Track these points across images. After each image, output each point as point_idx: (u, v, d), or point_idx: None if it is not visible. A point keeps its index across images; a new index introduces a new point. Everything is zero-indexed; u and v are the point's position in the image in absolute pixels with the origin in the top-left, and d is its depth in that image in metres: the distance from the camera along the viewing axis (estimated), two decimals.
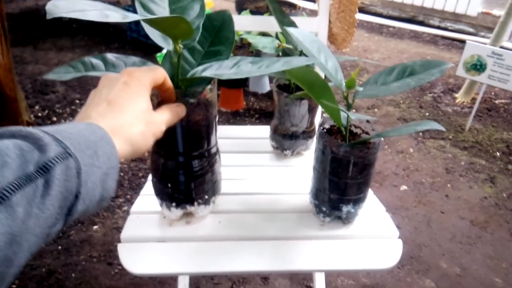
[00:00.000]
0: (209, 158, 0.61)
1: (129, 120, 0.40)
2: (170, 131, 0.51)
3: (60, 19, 3.29)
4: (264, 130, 0.99)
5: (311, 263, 0.61)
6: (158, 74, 0.45)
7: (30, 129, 0.31)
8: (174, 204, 0.63)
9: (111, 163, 0.36)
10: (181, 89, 0.54)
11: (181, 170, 0.59)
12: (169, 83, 0.47)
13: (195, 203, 0.63)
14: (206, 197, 0.64)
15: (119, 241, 0.63)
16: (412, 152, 1.84)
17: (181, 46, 0.51)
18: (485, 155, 1.83)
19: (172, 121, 0.47)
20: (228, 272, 0.61)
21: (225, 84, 2.03)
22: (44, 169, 0.29)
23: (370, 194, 0.72)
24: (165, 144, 0.57)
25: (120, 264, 1.20)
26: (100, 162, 0.34)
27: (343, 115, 0.60)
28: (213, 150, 0.62)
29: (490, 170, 1.72)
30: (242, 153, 0.90)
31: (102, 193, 0.35)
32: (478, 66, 1.88)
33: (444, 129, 0.48)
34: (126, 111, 0.40)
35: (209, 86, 0.56)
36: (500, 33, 2.16)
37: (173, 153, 0.58)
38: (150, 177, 0.69)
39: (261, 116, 2.08)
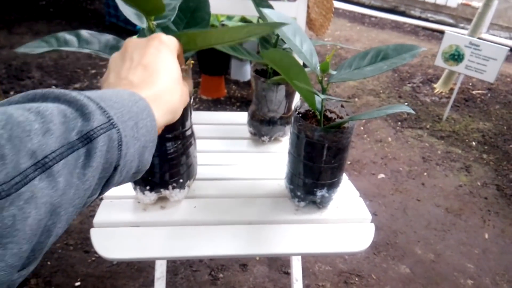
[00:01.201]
0: (183, 141, 0.60)
1: (169, 87, 0.39)
2: None
3: (36, 3, 3.19)
4: (242, 116, 0.98)
5: (286, 247, 0.61)
6: (179, 45, 0.44)
7: (75, 94, 0.29)
8: (148, 187, 0.62)
9: (150, 136, 0.35)
10: None
11: (155, 152, 0.58)
12: (182, 58, 0.47)
13: (170, 187, 0.63)
14: (181, 180, 0.63)
15: (92, 226, 0.62)
16: (390, 141, 1.86)
17: (155, 23, 0.50)
18: (461, 145, 1.87)
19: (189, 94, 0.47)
20: (203, 256, 0.61)
21: (206, 71, 2.01)
22: (87, 139, 0.28)
23: (345, 179, 0.73)
24: None
25: (97, 252, 1.18)
26: (139, 134, 0.33)
27: (317, 99, 0.60)
28: (188, 132, 0.61)
29: (466, 159, 1.76)
30: (219, 139, 0.89)
31: (138, 166, 0.34)
32: (456, 56, 1.91)
33: (414, 112, 0.49)
34: (164, 77, 0.39)
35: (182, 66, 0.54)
36: (478, 24, 2.19)
37: None
38: None
39: (242, 104, 2.07)
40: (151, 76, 0.38)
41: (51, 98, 0.29)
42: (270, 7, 0.76)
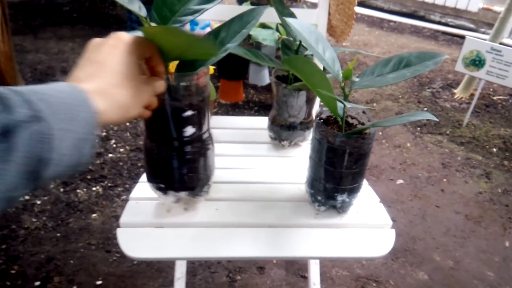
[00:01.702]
0: (200, 144, 0.61)
1: (118, 82, 0.39)
2: (160, 115, 0.52)
3: (60, 8, 3.28)
4: (262, 121, 0.99)
5: (305, 250, 0.62)
6: (146, 44, 0.43)
7: (1, 89, 0.29)
8: (165, 190, 0.64)
9: (89, 128, 0.34)
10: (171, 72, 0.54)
11: (174, 155, 0.59)
12: (157, 59, 0.46)
13: (187, 190, 0.64)
14: (199, 183, 0.65)
15: (119, 226, 0.64)
16: (409, 146, 1.85)
17: None
18: (481, 151, 1.85)
19: (154, 93, 0.46)
20: (224, 257, 0.62)
21: (224, 76, 2.04)
22: (7, 132, 0.27)
23: (365, 184, 0.73)
24: (156, 128, 0.57)
25: (118, 252, 1.21)
26: (76, 126, 0.32)
27: (339, 105, 0.61)
28: (205, 135, 0.62)
29: (486, 166, 1.74)
30: (240, 143, 0.91)
31: (78, 159, 0.33)
32: (477, 62, 1.89)
33: (437, 119, 0.50)
34: (115, 72, 0.39)
35: (199, 70, 0.56)
36: (500, 29, 2.16)
37: (164, 138, 0.58)
38: None
39: (260, 108, 2.09)
40: (98, 70, 0.38)
41: None
42: (293, 14, 0.78)
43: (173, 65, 0.54)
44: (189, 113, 0.57)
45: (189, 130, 0.58)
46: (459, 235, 1.36)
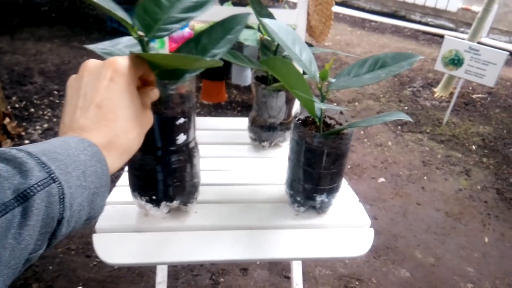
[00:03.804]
0: (191, 150, 0.61)
1: (124, 127, 0.38)
2: (155, 125, 0.51)
3: (38, 8, 3.22)
4: (243, 122, 0.99)
5: (286, 252, 0.62)
6: (140, 63, 0.42)
7: (15, 151, 0.29)
8: (159, 200, 0.62)
9: (101, 181, 0.34)
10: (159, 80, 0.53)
11: (159, 165, 0.58)
12: (149, 71, 0.45)
13: (180, 199, 0.63)
14: (192, 190, 0.64)
15: (94, 231, 0.63)
16: (390, 145, 1.87)
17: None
18: (461, 148, 1.88)
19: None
20: (204, 261, 0.62)
21: (207, 76, 2.02)
22: (24, 197, 0.27)
23: (344, 184, 0.74)
24: (149, 139, 0.56)
25: (98, 257, 1.19)
26: (88, 182, 0.32)
27: (317, 106, 0.60)
28: (192, 144, 0.61)
29: (466, 163, 1.77)
30: (220, 145, 0.90)
31: (89, 213, 0.34)
32: (455, 61, 1.92)
33: (411, 120, 0.50)
34: (119, 117, 0.38)
35: (188, 78, 0.55)
36: (477, 28, 2.20)
37: (150, 148, 0.57)
38: (126, 168, 0.69)
39: (243, 108, 2.08)
40: (104, 118, 0.37)
41: None
42: (271, 15, 0.78)
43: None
44: (181, 120, 0.56)
45: (181, 138, 0.57)
46: (440, 232, 1.38)
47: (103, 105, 0.37)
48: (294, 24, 0.95)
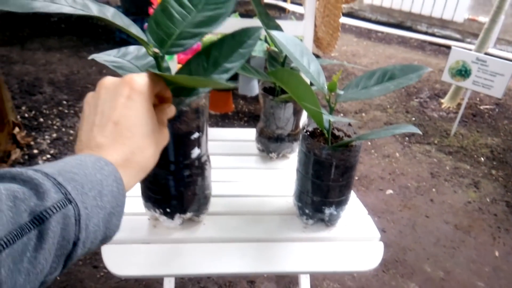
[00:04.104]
0: (203, 162, 0.61)
1: (140, 144, 0.38)
2: (171, 140, 0.51)
3: (48, 19, 3.27)
4: (251, 133, 0.99)
5: (294, 265, 0.61)
6: (156, 81, 0.42)
7: (31, 172, 0.29)
8: (173, 213, 0.62)
9: (117, 201, 0.34)
10: (174, 96, 0.53)
11: (173, 178, 0.58)
12: (165, 88, 0.45)
13: (193, 211, 0.64)
14: (204, 201, 0.64)
15: None
16: (398, 156, 1.86)
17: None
18: (469, 160, 1.86)
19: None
20: (211, 274, 0.61)
21: None
22: (40, 219, 0.27)
23: (353, 196, 0.73)
24: (164, 154, 0.56)
25: (105, 267, 1.18)
26: (104, 201, 0.32)
27: (325, 118, 0.60)
28: (204, 157, 0.62)
29: (475, 175, 1.75)
30: (228, 155, 0.90)
31: (105, 233, 0.33)
32: (463, 72, 1.92)
33: (420, 132, 0.49)
34: (135, 134, 0.38)
35: (202, 94, 0.55)
36: (485, 39, 2.20)
37: (165, 162, 0.57)
38: None
39: (250, 119, 2.09)
40: (121, 135, 0.37)
41: (7, 178, 0.29)
42: (278, 27, 0.78)
43: None
44: (195, 135, 0.56)
45: (196, 152, 0.58)
46: (449, 245, 1.36)
47: (120, 122, 0.37)
48: (301, 36, 0.95)
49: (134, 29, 0.47)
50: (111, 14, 0.45)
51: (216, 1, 0.54)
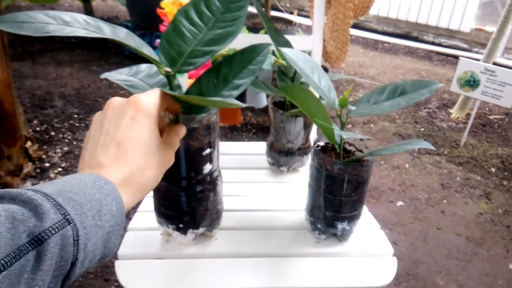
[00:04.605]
0: (215, 177, 0.61)
1: (141, 165, 0.38)
2: (182, 157, 0.52)
3: None
4: (261, 146, 0.99)
5: (307, 280, 0.61)
6: (164, 98, 0.42)
7: (31, 193, 0.29)
8: (186, 228, 0.63)
9: (116, 220, 0.34)
10: (185, 113, 0.54)
11: (186, 194, 0.59)
12: (173, 103, 0.45)
13: (206, 226, 0.64)
14: (217, 216, 0.65)
15: (116, 258, 0.63)
16: (408, 167, 1.85)
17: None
18: (480, 171, 1.84)
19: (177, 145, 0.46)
20: None
21: None
22: (38, 241, 0.27)
23: (365, 211, 0.73)
24: (176, 170, 0.57)
25: (117, 281, 1.19)
26: (103, 221, 0.33)
27: (337, 133, 0.61)
28: (216, 173, 0.62)
29: (486, 186, 1.73)
30: (238, 169, 0.91)
31: (103, 252, 0.33)
32: (471, 82, 1.91)
33: (433, 148, 0.50)
34: (137, 154, 0.38)
35: (213, 110, 0.56)
36: (492, 49, 2.19)
37: (177, 178, 0.58)
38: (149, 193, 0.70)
39: (258, 131, 2.09)
40: (123, 155, 0.37)
41: (7, 199, 0.29)
42: (288, 43, 0.79)
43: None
44: (207, 151, 0.57)
45: (207, 167, 0.58)
46: (462, 258, 1.34)
47: (123, 143, 0.38)
48: (309, 50, 0.96)
49: (146, 50, 0.48)
50: (124, 35, 0.46)
51: (226, 19, 0.55)
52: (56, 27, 0.39)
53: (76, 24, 0.41)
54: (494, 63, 2.13)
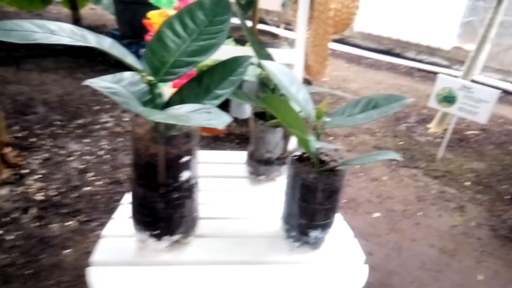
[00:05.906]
0: (193, 185, 0.63)
1: None
2: (151, 163, 0.53)
3: None
4: (242, 156, 1.01)
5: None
6: None
7: None
8: (162, 235, 0.64)
9: None
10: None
11: (162, 201, 0.60)
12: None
13: (182, 233, 0.65)
14: (193, 223, 0.66)
15: (89, 266, 0.63)
16: (385, 180, 1.89)
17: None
18: (455, 184, 1.90)
19: None
20: None
21: None
22: None
23: (340, 219, 0.75)
24: (147, 175, 0.58)
25: None
26: None
27: (312, 143, 0.63)
28: (193, 180, 0.64)
29: (460, 199, 1.79)
30: (218, 178, 0.92)
31: None
32: (449, 98, 1.98)
33: (401, 159, 0.52)
34: None
35: None
36: (471, 67, 2.28)
37: (154, 185, 0.59)
38: (123, 200, 0.71)
39: (242, 141, 2.11)
40: None
41: None
42: (269, 56, 0.82)
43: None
44: (186, 158, 0.58)
45: (185, 175, 0.60)
46: (434, 269, 1.37)
47: None
48: (291, 63, 0.99)
49: (130, 59, 0.50)
50: (108, 44, 0.48)
51: (210, 32, 0.57)
52: (42, 35, 0.41)
53: (61, 33, 0.43)
54: (473, 81, 2.21)
